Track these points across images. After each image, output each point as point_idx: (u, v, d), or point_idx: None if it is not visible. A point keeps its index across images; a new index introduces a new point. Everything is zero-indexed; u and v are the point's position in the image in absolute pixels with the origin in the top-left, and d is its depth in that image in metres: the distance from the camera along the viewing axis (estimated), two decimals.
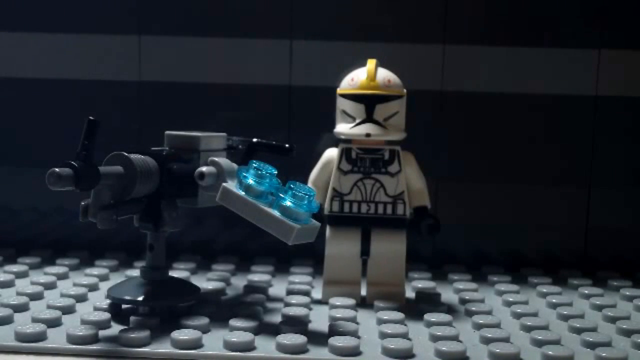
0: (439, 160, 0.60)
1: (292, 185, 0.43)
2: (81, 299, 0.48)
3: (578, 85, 0.60)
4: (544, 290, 0.53)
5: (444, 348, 0.40)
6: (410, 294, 0.52)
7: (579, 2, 0.60)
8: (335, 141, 0.50)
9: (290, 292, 0.51)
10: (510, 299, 0.51)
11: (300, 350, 0.40)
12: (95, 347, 0.40)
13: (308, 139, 0.56)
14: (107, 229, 0.41)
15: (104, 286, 0.51)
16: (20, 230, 0.62)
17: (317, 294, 0.51)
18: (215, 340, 0.41)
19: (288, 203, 0.42)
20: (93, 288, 0.51)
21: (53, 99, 0.61)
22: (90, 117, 0.40)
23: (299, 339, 0.41)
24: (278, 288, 0.53)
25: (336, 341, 0.40)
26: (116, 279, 0.53)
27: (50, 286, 0.51)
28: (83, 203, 0.42)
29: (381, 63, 0.50)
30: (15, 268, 0.54)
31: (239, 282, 0.54)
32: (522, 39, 0.60)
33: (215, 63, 0.60)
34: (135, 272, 0.54)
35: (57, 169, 0.38)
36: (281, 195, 0.42)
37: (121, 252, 0.60)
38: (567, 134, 0.60)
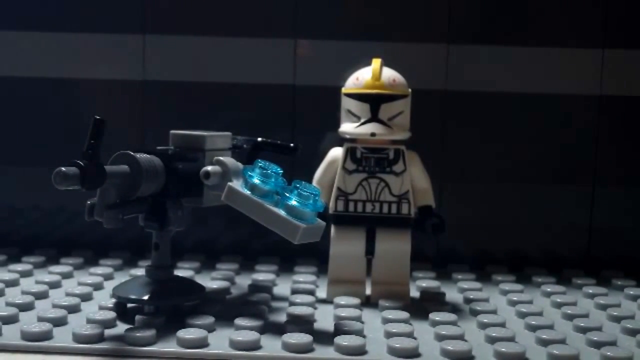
0: (443, 159, 0.60)
1: (297, 185, 0.42)
2: (86, 298, 0.48)
3: (582, 84, 0.60)
4: (548, 289, 0.53)
5: (449, 347, 0.40)
6: (414, 293, 0.52)
7: (584, 1, 0.60)
8: (339, 140, 0.51)
9: (295, 292, 0.52)
10: (515, 299, 0.51)
11: (306, 349, 0.40)
12: (101, 346, 0.40)
13: (312, 139, 0.56)
14: (112, 228, 0.41)
15: (109, 285, 0.51)
16: (24, 229, 0.62)
17: (321, 293, 0.51)
18: (220, 339, 0.41)
19: (294, 202, 0.42)
20: (98, 287, 0.51)
21: (57, 98, 0.61)
22: (97, 117, 0.40)
23: (304, 338, 0.41)
24: (283, 287, 0.53)
25: (342, 340, 0.40)
26: (121, 278, 0.53)
27: (55, 285, 0.51)
28: (89, 202, 0.42)
29: (386, 62, 0.50)
30: (20, 267, 0.54)
31: (244, 282, 0.54)
32: (526, 39, 0.60)
33: (219, 62, 0.60)
34: (139, 271, 0.54)
35: (63, 168, 0.38)
36: (287, 194, 0.42)
37: (126, 251, 0.60)
38: (571, 133, 0.60)
